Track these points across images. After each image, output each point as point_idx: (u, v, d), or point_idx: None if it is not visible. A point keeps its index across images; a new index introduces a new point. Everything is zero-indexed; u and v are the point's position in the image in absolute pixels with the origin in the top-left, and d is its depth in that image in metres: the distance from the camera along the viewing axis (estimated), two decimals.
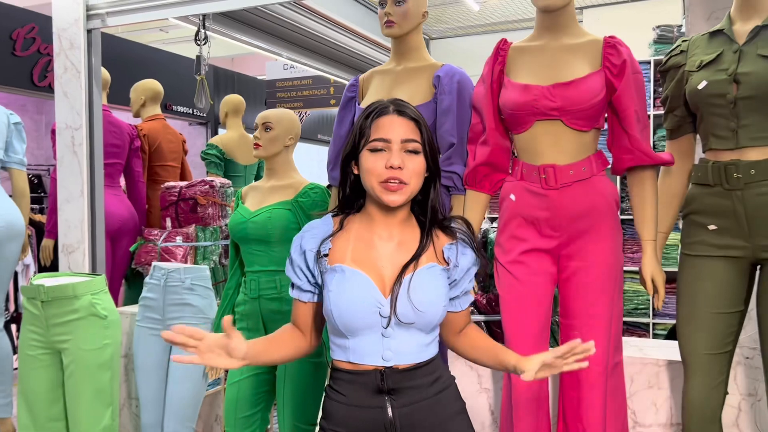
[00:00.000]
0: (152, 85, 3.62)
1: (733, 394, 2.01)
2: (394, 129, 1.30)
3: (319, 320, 1.43)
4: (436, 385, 1.33)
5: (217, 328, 2.36)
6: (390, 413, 1.29)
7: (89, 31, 2.84)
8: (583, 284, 1.76)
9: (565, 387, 1.84)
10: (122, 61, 4.15)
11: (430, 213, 1.37)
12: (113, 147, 3.21)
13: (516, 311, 1.80)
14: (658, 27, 4.65)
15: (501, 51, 1.84)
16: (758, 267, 1.74)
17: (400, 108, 1.33)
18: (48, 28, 5.17)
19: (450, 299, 1.37)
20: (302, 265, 1.36)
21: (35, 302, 2.27)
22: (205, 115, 5.81)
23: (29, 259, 5.25)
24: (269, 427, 2.27)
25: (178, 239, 3.13)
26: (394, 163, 1.28)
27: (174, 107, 6.77)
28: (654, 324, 4.76)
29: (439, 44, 6.86)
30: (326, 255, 1.34)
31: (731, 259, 1.70)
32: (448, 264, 1.35)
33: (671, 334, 2.83)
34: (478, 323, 2.34)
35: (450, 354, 2.03)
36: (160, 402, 2.52)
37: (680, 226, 1.88)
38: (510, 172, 1.90)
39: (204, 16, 3.14)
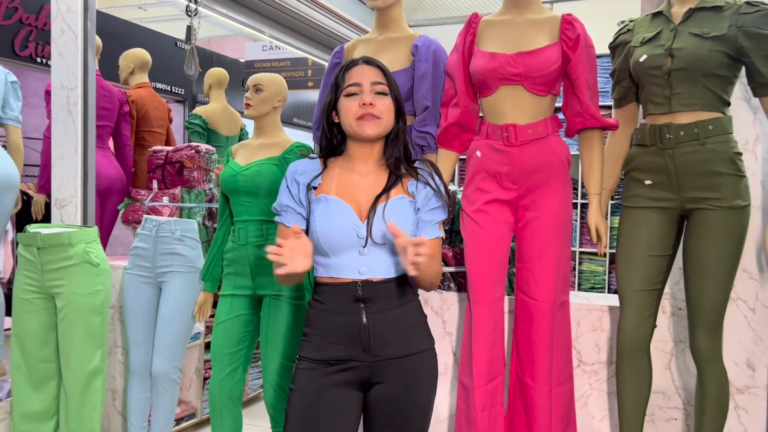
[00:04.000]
0: (141, 53, 3.78)
1: (666, 341, 2.27)
2: (364, 75, 1.58)
3: None
4: (403, 299, 1.59)
5: (204, 275, 2.53)
6: (364, 318, 1.54)
7: None
8: (536, 231, 2.01)
9: (518, 322, 2.09)
10: (102, 35, 4.25)
11: (392, 143, 1.60)
12: (104, 110, 3.36)
13: (478, 253, 2.04)
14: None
15: (472, 24, 2.08)
16: (685, 218, 2.01)
17: (367, 59, 1.61)
18: None
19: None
20: (295, 191, 1.61)
21: (31, 249, 2.37)
22: (193, 82, 5.94)
23: (8, 224, 5.30)
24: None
25: (165, 199, 3.29)
26: (366, 101, 1.55)
27: (153, 84, 6.84)
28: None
29: (417, 32, 7.00)
30: (315, 188, 1.60)
31: (663, 210, 1.97)
32: (413, 197, 1.60)
33: None
34: (445, 275, 2.58)
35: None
36: (149, 345, 2.67)
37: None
38: (477, 132, 2.14)
39: None
